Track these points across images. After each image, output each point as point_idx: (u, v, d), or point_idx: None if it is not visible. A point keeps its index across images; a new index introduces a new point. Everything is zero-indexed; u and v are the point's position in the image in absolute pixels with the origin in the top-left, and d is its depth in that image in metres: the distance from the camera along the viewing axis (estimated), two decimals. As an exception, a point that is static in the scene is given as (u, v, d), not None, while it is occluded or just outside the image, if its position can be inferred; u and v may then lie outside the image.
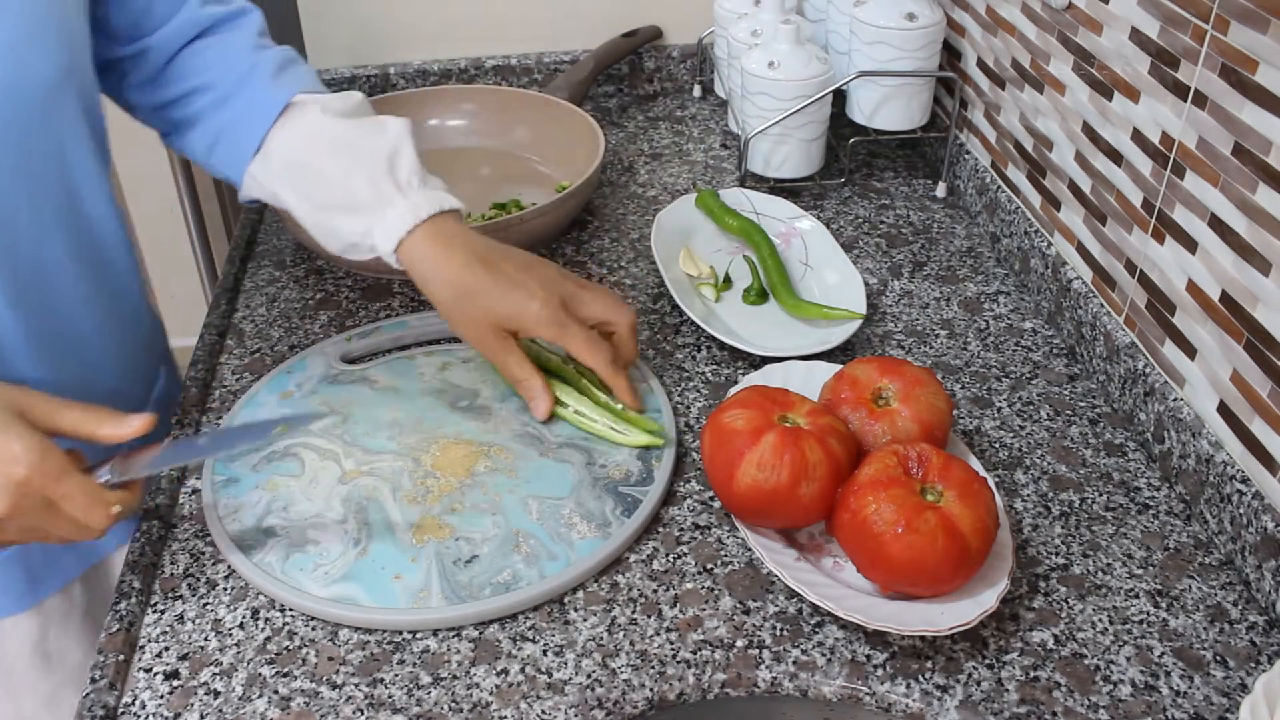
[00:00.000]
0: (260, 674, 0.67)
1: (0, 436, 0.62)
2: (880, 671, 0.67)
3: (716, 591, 0.72)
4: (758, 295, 0.99)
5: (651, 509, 0.77)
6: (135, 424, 0.67)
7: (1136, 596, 0.72)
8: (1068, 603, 0.72)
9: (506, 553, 0.73)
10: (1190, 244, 0.78)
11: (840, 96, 1.20)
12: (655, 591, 0.72)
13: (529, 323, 0.79)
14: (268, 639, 0.69)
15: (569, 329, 0.79)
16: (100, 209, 0.81)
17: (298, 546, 0.74)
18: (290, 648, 0.69)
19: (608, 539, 0.74)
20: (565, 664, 0.68)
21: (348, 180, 0.80)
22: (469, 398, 0.86)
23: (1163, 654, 0.68)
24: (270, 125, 0.82)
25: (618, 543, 0.74)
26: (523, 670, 0.67)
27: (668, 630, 0.70)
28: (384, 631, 0.70)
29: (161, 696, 0.66)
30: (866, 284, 1.02)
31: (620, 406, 0.83)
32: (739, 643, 0.69)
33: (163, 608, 0.72)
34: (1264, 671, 0.66)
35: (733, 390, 0.80)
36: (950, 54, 1.18)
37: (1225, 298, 0.75)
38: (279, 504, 0.77)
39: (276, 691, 0.66)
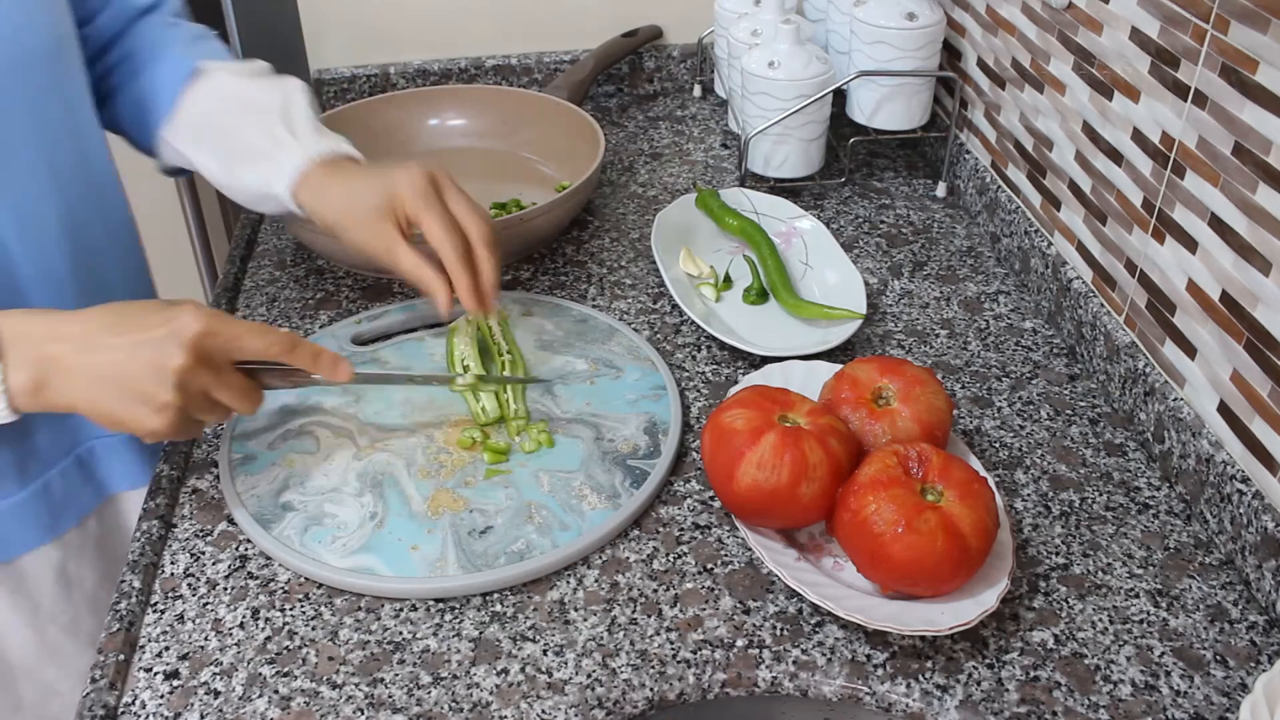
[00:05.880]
0: (260, 674, 0.67)
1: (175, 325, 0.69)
2: (880, 671, 0.67)
3: (716, 591, 0.72)
4: (758, 295, 0.99)
5: (659, 481, 0.79)
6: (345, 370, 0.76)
7: (1136, 596, 0.72)
8: (1068, 602, 0.72)
9: (520, 524, 0.75)
10: (1190, 244, 0.78)
11: (840, 96, 1.20)
12: (655, 591, 0.72)
13: (399, 189, 0.79)
14: (268, 639, 0.69)
15: (433, 205, 0.79)
16: (109, 168, 0.87)
17: (315, 520, 0.76)
18: (290, 648, 0.69)
19: (618, 509, 0.76)
20: (565, 664, 0.68)
21: (245, 132, 0.85)
22: None
23: (1163, 654, 0.68)
24: (180, 90, 0.87)
25: (627, 513, 0.76)
26: (523, 670, 0.67)
27: (668, 630, 0.70)
28: (385, 630, 0.70)
29: (161, 696, 0.66)
30: (866, 284, 1.02)
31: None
32: (739, 642, 0.69)
33: (163, 608, 0.72)
34: (1264, 671, 0.66)
35: (733, 390, 0.80)
36: (950, 54, 1.18)
37: (1225, 297, 0.75)
38: (295, 480, 0.79)
39: (276, 691, 0.66)
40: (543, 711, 0.65)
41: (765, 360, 0.90)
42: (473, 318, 0.83)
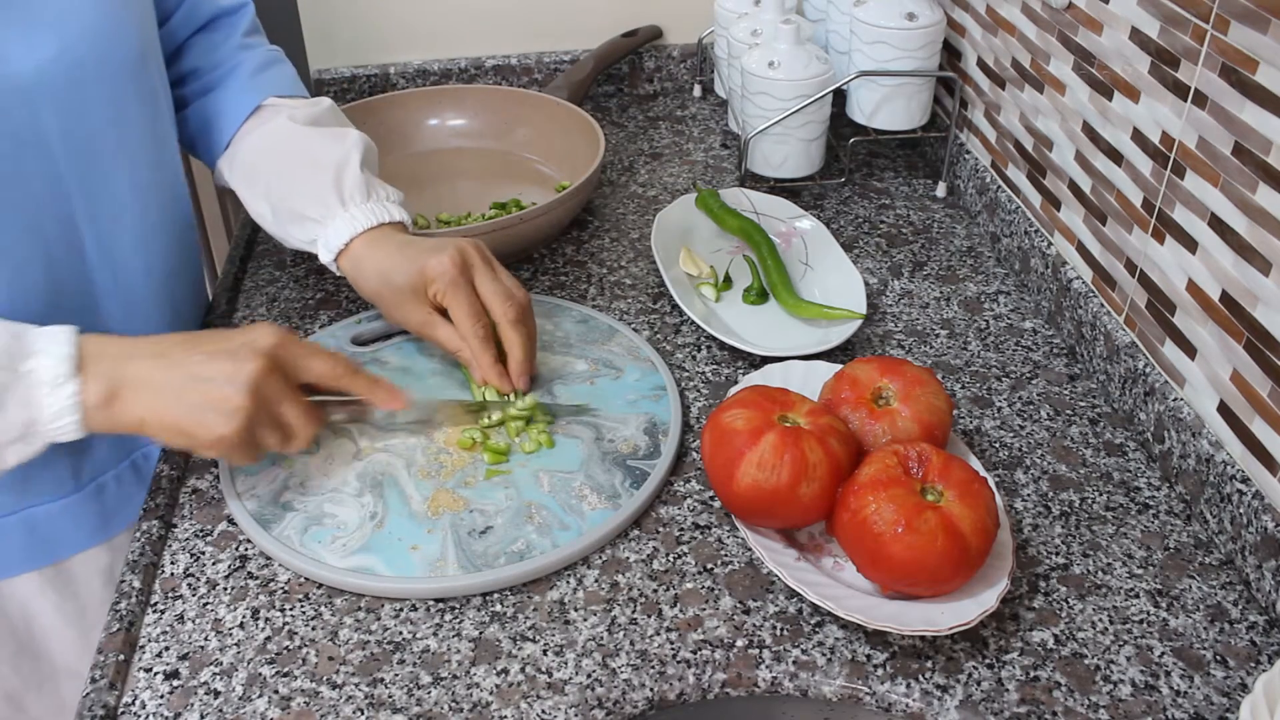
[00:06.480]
0: (260, 674, 0.67)
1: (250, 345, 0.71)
2: (880, 671, 0.67)
3: (716, 591, 0.72)
4: (758, 295, 0.99)
5: (659, 481, 0.79)
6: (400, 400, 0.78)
7: (1136, 596, 0.72)
8: (1068, 602, 0.72)
9: (520, 524, 0.75)
10: (1190, 244, 0.78)
11: (840, 96, 1.20)
12: (655, 591, 0.72)
13: (429, 274, 0.81)
14: (268, 639, 0.69)
15: (459, 291, 0.81)
16: (180, 177, 0.89)
17: (315, 520, 0.76)
18: (290, 648, 0.69)
19: (618, 509, 0.76)
20: (565, 664, 0.68)
21: (297, 190, 0.86)
22: None
23: (1163, 654, 0.68)
24: (238, 127, 0.89)
25: (627, 513, 0.76)
26: (523, 670, 0.67)
27: (668, 630, 0.70)
28: (385, 630, 0.70)
29: (161, 696, 0.66)
30: (866, 284, 1.02)
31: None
32: (739, 642, 0.69)
33: (163, 608, 0.72)
34: (1264, 671, 0.66)
35: (733, 390, 0.80)
36: (950, 54, 1.18)
37: (1225, 297, 0.75)
38: (295, 480, 0.79)
39: (276, 691, 0.66)
40: (543, 711, 0.65)
41: (765, 360, 0.90)
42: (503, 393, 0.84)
